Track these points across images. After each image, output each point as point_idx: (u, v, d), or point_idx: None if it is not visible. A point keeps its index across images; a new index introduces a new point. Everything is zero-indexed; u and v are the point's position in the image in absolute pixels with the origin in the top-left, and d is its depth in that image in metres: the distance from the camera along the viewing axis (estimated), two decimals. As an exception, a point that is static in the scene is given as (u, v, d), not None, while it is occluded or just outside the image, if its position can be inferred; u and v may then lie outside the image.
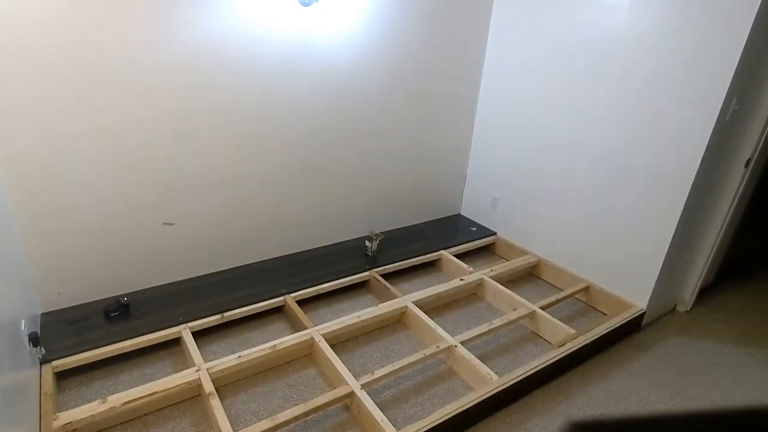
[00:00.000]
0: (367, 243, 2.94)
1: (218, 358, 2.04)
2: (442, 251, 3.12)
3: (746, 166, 2.46)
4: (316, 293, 2.61)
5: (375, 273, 2.80)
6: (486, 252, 3.41)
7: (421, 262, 3.04)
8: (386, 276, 2.83)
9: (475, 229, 3.53)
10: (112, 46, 2.00)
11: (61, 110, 1.99)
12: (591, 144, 2.67)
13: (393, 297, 2.57)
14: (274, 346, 2.13)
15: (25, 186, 2.02)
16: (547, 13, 2.78)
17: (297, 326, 2.37)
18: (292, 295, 2.54)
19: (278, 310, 2.54)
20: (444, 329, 2.31)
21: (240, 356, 2.05)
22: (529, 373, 2.07)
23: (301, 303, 2.52)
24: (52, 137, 2.01)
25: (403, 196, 3.37)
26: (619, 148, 2.53)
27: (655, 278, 2.50)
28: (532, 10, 2.87)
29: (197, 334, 2.22)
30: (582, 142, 2.71)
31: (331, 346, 2.16)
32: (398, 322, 2.55)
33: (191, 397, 1.96)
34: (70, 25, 1.89)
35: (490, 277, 2.82)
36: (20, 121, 1.93)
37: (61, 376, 1.99)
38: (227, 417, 1.75)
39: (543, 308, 2.56)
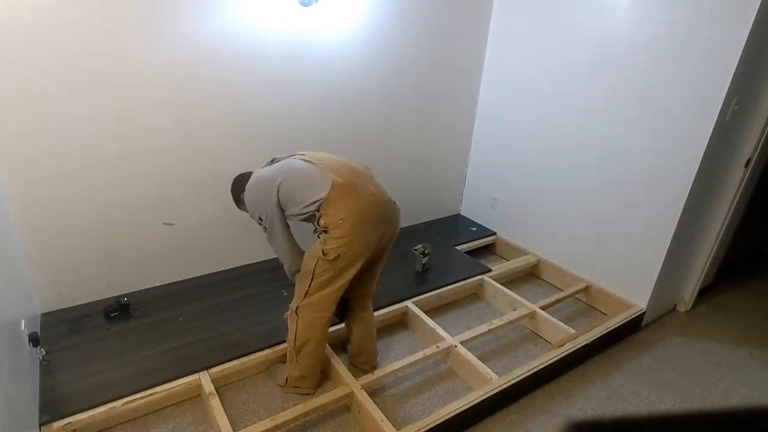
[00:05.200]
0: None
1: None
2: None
3: (746, 166, 2.46)
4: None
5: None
6: (486, 252, 3.41)
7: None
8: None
9: (475, 229, 3.53)
10: (112, 46, 2.00)
11: (61, 110, 1.99)
12: (591, 144, 2.67)
13: (393, 297, 2.57)
14: (274, 346, 2.13)
15: (25, 186, 2.02)
16: (546, 13, 2.78)
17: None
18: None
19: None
20: (444, 329, 2.31)
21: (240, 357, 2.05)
22: (529, 373, 2.07)
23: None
24: (52, 137, 2.01)
25: (403, 196, 3.34)
26: (619, 147, 2.53)
27: (655, 278, 2.50)
28: (532, 10, 2.87)
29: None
30: (582, 141, 2.71)
31: (331, 346, 2.15)
32: (398, 322, 2.55)
33: (191, 397, 1.96)
34: (70, 24, 1.89)
35: (490, 277, 2.82)
36: (20, 122, 1.93)
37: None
38: (227, 417, 1.75)
39: (543, 308, 2.56)
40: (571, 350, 2.24)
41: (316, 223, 1.78)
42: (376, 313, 2.41)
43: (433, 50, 3.00)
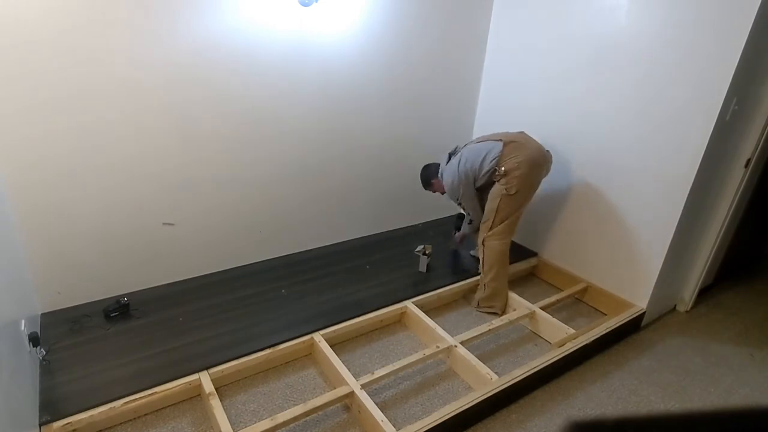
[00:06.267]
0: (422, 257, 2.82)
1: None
2: (442, 251, 3.11)
3: (746, 166, 2.46)
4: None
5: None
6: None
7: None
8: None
9: (475, 229, 3.52)
10: (112, 47, 2.00)
11: (61, 110, 1.99)
12: (591, 144, 2.67)
13: (393, 297, 2.57)
14: (274, 346, 2.13)
15: (25, 186, 2.02)
16: (546, 14, 2.78)
17: (297, 326, 2.36)
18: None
19: (278, 310, 2.54)
20: (444, 329, 2.31)
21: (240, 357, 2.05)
22: (529, 373, 2.07)
23: (301, 303, 2.52)
24: (52, 136, 2.01)
25: (403, 196, 3.37)
26: (619, 147, 2.53)
27: (655, 278, 2.50)
28: (531, 11, 2.87)
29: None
30: (581, 142, 2.71)
31: (331, 346, 2.16)
32: (398, 322, 2.55)
33: (191, 397, 1.96)
34: (71, 23, 1.89)
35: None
36: (21, 124, 1.93)
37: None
38: (227, 417, 1.75)
39: (543, 308, 2.56)
40: (571, 350, 2.24)
41: (497, 173, 2.43)
42: (375, 314, 2.42)
43: (433, 50, 3.00)
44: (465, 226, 2.89)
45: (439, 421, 1.78)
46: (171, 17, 2.09)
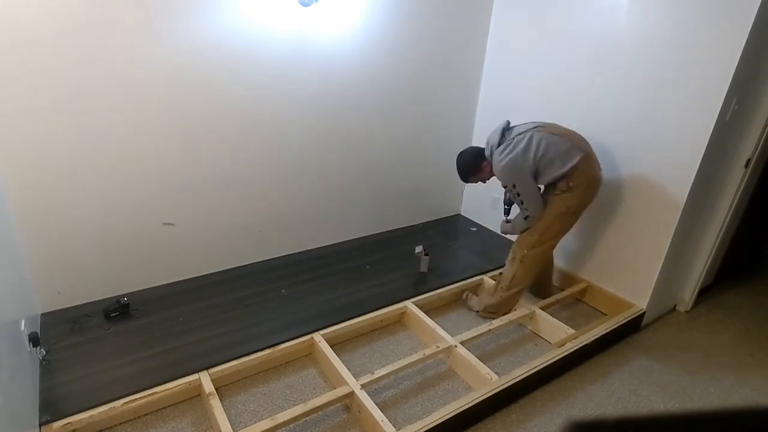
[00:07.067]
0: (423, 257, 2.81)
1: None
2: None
3: (746, 166, 2.46)
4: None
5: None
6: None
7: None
8: (386, 276, 2.83)
9: (475, 229, 3.53)
10: (112, 47, 2.00)
11: (61, 110, 1.99)
12: (590, 144, 2.66)
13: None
14: (274, 346, 2.13)
15: (25, 186, 2.03)
16: (546, 14, 2.78)
17: (297, 326, 2.36)
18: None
19: (278, 310, 2.54)
20: (444, 329, 2.31)
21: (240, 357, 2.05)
22: (529, 373, 2.07)
23: (301, 303, 2.52)
24: (52, 136, 2.01)
25: (403, 196, 3.37)
26: (619, 147, 2.53)
27: (655, 278, 2.50)
28: (531, 11, 2.87)
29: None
30: (582, 142, 2.71)
31: (331, 346, 2.16)
32: (398, 322, 2.55)
33: (191, 397, 1.96)
34: (71, 23, 1.89)
35: (491, 278, 2.82)
36: (20, 122, 1.93)
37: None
38: (227, 417, 1.75)
39: (543, 308, 2.56)
40: (571, 350, 2.24)
41: (565, 184, 2.24)
42: (375, 313, 2.42)
43: (433, 50, 3.00)
44: (519, 221, 2.44)
45: (439, 421, 1.78)
46: (171, 17, 2.09)
